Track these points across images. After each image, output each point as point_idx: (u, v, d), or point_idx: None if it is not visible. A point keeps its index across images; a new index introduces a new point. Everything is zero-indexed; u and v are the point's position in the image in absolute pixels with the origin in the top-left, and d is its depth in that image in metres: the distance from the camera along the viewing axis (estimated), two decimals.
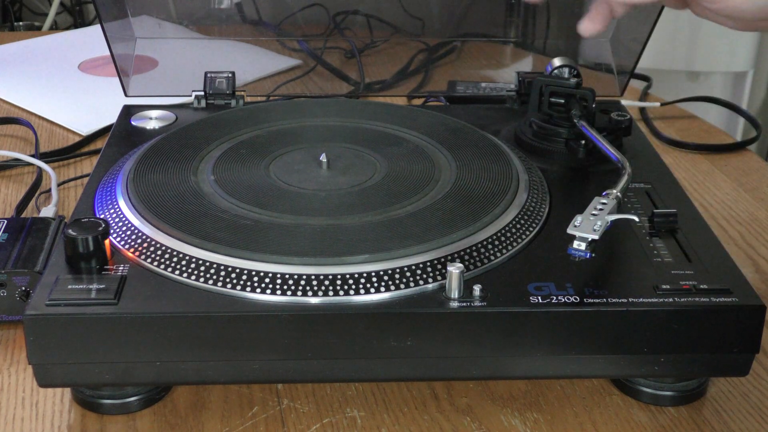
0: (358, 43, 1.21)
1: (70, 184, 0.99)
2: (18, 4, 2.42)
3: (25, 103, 1.20)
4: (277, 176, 0.78)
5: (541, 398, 0.68)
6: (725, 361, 0.65)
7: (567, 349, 0.63)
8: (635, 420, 0.66)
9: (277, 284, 0.63)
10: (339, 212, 0.72)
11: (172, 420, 0.66)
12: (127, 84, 1.00)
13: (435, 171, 0.79)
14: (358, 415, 0.66)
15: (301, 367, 0.63)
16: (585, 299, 0.63)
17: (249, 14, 1.19)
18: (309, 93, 1.19)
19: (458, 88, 1.14)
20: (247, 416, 0.66)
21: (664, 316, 0.63)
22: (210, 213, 0.70)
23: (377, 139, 0.86)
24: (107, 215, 0.72)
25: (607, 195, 0.69)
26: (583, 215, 0.67)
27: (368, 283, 0.63)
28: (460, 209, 0.71)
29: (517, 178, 0.76)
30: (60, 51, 1.40)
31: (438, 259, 0.65)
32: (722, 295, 0.63)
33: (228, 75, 0.98)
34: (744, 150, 1.11)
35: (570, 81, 0.86)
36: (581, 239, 0.65)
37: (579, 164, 0.83)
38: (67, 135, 1.12)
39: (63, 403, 0.67)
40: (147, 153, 0.80)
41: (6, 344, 0.73)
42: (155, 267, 0.65)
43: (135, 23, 1.06)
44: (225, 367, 0.63)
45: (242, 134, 0.86)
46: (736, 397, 0.69)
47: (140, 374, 0.63)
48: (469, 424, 0.66)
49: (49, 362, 0.62)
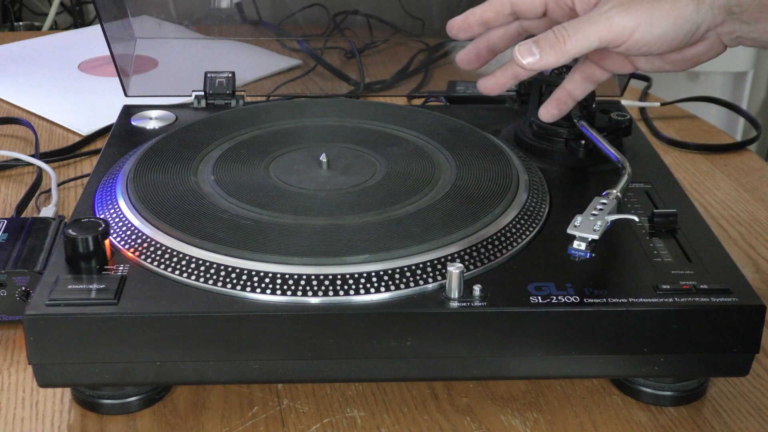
0: (358, 43, 1.21)
1: (70, 184, 0.99)
2: (18, 4, 2.42)
3: (25, 103, 1.20)
4: (277, 176, 0.78)
5: (541, 398, 0.68)
6: (725, 361, 0.65)
7: (567, 349, 0.63)
8: (635, 420, 0.66)
9: (277, 284, 0.63)
10: (339, 212, 0.72)
11: (172, 420, 0.66)
12: (127, 84, 1.00)
13: (435, 171, 0.79)
14: (358, 415, 0.66)
15: (301, 367, 0.63)
16: (585, 299, 0.63)
17: (249, 14, 1.19)
18: (309, 93, 1.19)
19: (458, 88, 1.14)
20: (247, 416, 0.66)
21: (664, 316, 0.63)
22: (210, 213, 0.70)
23: (377, 139, 0.86)
24: (107, 215, 0.72)
25: (607, 195, 0.69)
26: (583, 215, 0.67)
27: (368, 283, 0.63)
28: (460, 209, 0.71)
29: (517, 178, 0.76)
30: (60, 51, 1.40)
31: (438, 259, 0.65)
32: (722, 295, 0.63)
33: (228, 75, 0.98)
34: (744, 150, 1.11)
35: None
36: (581, 239, 0.65)
37: (579, 164, 0.83)
38: (67, 135, 1.12)
39: (63, 403, 0.67)
40: (147, 153, 0.80)
41: (6, 344, 0.73)
42: (155, 267, 0.65)
43: (135, 23, 1.06)
44: (225, 367, 0.63)
45: (242, 134, 0.86)
46: (736, 397, 0.69)
47: (140, 374, 0.63)
48: (469, 424, 0.66)
49: (49, 362, 0.62)
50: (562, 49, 0.67)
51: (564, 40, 0.67)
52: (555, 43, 0.68)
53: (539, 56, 0.68)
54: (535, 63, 0.68)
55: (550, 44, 0.68)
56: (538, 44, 0.68)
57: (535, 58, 0.68)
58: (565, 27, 0.68)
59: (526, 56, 0.68)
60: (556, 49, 0.68)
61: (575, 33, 0.67)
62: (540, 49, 0.68)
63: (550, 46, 0.68)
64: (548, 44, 0.68)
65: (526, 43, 0.69)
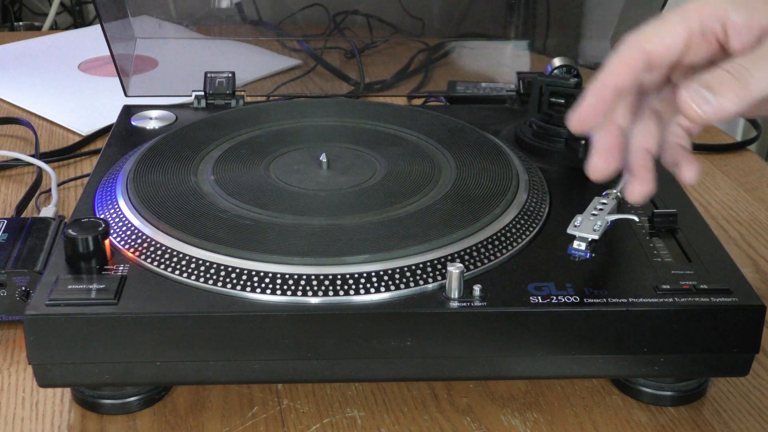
0: (358, 43, 1.21)
1: (70, 184, 0.99)
2: (18, 4, 2.43)
3: (25, 103, 1.20)
4: (277, 176, 0.78)
5: (541, 398, 0.68)
6: (725, 361, 0.65)
7: (567, 349, 0.63)
8: (635, 420, 0.66)
9: (277, 284, 0.63)
10: (339, 212, 0.72)
11: (172, 420, 0.66)
12: (127, 84, 1.00)
13: (435, 171, 0.79)
14: (358, 415, 0.66)
15: (301, 367, 0.63)
16: (585, 299, 0.63)
17: (249, 14, 1.19)
18: (309, 93, 1.19)
19: (458, 88, 1.14)
20: (247, 416, 0.66)
21: (664, 316, 0.63)
22: (210, 213, 0.70)
23: (377, 139, 0.86)
24: (107, 215, 0.72)
25: (607, 195, 0.69)
26: (583, 215, 0.67)
27: (368, 283, 0.63)
28: (460, 209, 0.71)
29: (517, 178, 0.76)
30: (60, 51, 1.40)
31: (438, 259, 0.65)
32: (722, 295, 0.63)
33: (228, 75, 0.98)
34: (744, 150, 1.11)
35: (570, 81, 0.86)
36: (581, 239, 0.66)
37: (579, 164, 0.82)
38: (67, 135, 1.12)
39: (63, 403, 0.67)
40: (147, 153, 0.80)
41: (6, 344, 0.73)
42: (155, 267, 0.65)
43: (135, 23, 1.06)
44: (225, 367, 0.63)
45: (242, 134, 0.86)
46: (736, 397, 0.69)
47: (140, 374, 0.63)
48: (469, 424, 0.66)
49: (49, 362, 0.62)
50: (745, 88, 0.53)
51: (745, 77, 0.53)
52: (732, 82, 0.53)
53: (715, 101, 0.53)
54: (712, 111, 0.53)
55: (727, 85, 0.53)
56: (709, 87, 0.53)
57: (710, 105, 0.53)
58: (740, 63, 0.53)
59: (702, 104, 0.53)
60: (737, 90, 0.53)
61: (757, 69, 0.53)
62: (714, 93, 0.53)
63: (727, 87, 0.53)
64: (724, 85, 0.53)
65: (692, 89, 0.53)
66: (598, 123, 0.58)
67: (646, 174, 0.60)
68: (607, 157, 0.60)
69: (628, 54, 0.56)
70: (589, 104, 0.57)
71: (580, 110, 0.58)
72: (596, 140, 0.60)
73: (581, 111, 0.58)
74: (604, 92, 0.57)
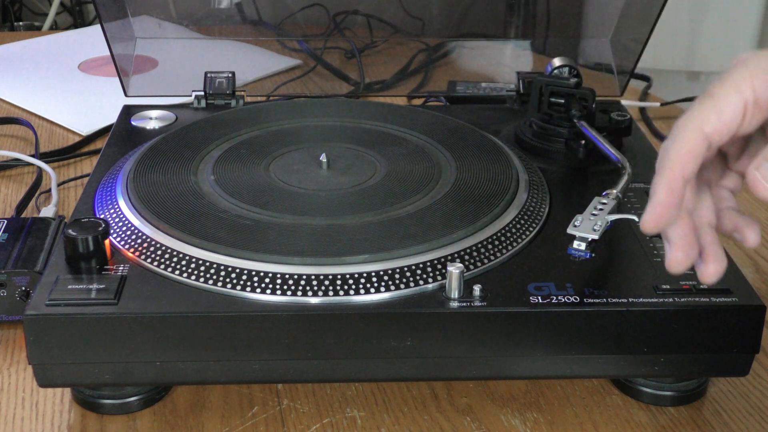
0: (358, 43, 1.21)
1: (70, 184, 0.99)
2: (18, 4, 2.42)
3: (25, 103, 1.20)
4: (277, 176, 0.78)
5: (541, 398, 0.68)
6: (725, 361, 0.65)
7: (567, 349, 0.63)
8: (635, 420, 0.66)
9: (277, 284, 0.63)
10: (339, 212, 0.72)
11: (172, 420, 0.66)
12: (127, 84, 1.00)
13: (435, 171, 0.79)
14: (358, 415, 0.66)
15: (301, 367, 0.63)
16: (585, 299, 0.63)
17: (249, 14, 1.19)
18: (309, 93, 1.19)
19: (458, 88, 1.14)
20: (247, 416, 0.66)
21: (664, 316, 0.63)
22: (210, 213, 0.70)
23: (377, 139, 0.86)
24: (107, 215, 0.72)
25: (607, 195, 0.69)
26: (583, 215, 0.67)
27: (368, 283, 0.63)
28: (460, 209, 0.71)
29: (517, 178, 0.76)
30: (60, 51, 1.40)
31: (438, 259, 0.65)
32: (722, 295, 0.63)
33: (228, 75, 0.98)
34: None
35: (570, 81, 0.86)
36: (581, 239, 0.66)
37: (579, 164, 0.83)
38: (67, 135, 1.12)
39: (63, 403, 0.67)
40: (147, 153, 0.80)
41: (6, 344, 0.73)
42: (155, 267, 0.65)
43: (135, 23, 1.06)
44: (225, 367, 0.63)
45: (242, 134, 0.86)
46: (736, 397, 0.69)
47: (140, 374, 0.63)
48: (469, 424, 0.66)
49: (49, 362, 0.62)
50: None
51: None
52: None
53: None
54: None
55: None
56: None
57: None
58: None
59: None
60: None
61: None
62: None
63: None
64: None
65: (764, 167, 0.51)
66: (674, 219, 0.55)
67: (718, 250, 0.57)
68: (687, 248, 0.56)
69: (691, 141, 0.54)
70: (664, 202, 0.53)
71: (654, 210, 0.54)
72: (671, 234, 0.56)
73: (657, 211, 0.54)
74: (676, 186, 0.53)
